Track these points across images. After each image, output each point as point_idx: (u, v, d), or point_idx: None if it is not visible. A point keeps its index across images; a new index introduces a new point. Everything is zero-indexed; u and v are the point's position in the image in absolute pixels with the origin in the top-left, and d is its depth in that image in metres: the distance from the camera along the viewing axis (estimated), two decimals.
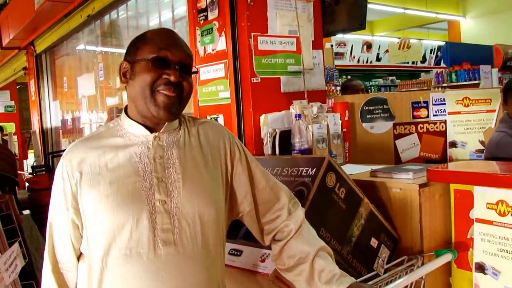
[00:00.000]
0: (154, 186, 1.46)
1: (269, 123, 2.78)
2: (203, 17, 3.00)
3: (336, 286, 1.53)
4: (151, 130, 1.54)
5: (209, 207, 1.50)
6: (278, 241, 1.66)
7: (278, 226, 1.67)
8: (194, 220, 1.46)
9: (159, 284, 1.39)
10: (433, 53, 16.42)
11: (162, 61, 1.48)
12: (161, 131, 1.54)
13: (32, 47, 7.45)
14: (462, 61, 9.54)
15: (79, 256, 1.55)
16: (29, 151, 10.63)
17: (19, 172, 7.78)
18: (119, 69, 1.57)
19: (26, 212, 5.34)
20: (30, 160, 9.90)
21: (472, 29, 15.00)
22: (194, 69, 1.57)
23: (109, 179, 1.45)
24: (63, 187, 1.50)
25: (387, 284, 1.94)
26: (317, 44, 3.17)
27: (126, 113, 1.58)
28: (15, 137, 10.38)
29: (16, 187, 5.42)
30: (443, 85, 9.68)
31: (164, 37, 1.55)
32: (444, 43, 12.83)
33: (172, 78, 1.46)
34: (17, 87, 12.05)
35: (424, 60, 16.01)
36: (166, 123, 1.54)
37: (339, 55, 14.49)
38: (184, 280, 1.41)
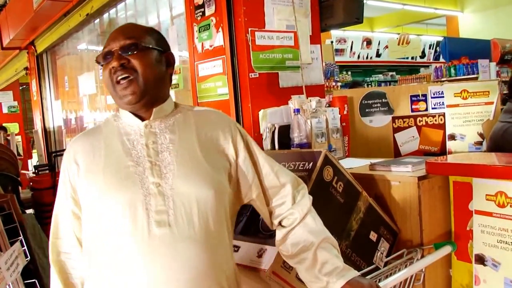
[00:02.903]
0: (148, 170, 1.47)
1: (268, 118, 2.78)
2: (200, 13, 3.00)
3: (336, 279, 1.53)
4: (145, 118, 1.56)
5: (206, 188, 1.48)
6: (283, 228, 1.66)
7: (284, 213, 1.65)
8: (190, 201, 1.45)
9: (154, 264, 1.38)
10: (432, 48, 16.44)
11: (106, 56, 1.52)
12: (151, 118, 1.55)
13: (33, 47, 7.47)
14: (460, 55, 9.56)
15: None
16: (33, 151, 10.66)
17: (24, 171, 7.80)
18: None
19: (30, 211, 5.35)
20: (35, 160, 9.93)
21: (470, 24, 15.01)
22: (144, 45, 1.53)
23: (103, 165, 1.49)
24: (64, 178, 1.56)
25: (387, 277, 1.94)
26: (315, 39, 3.17)
27: None
28: (18, 137, 10.40)
29: (20, 187, 5.44)
30: (442, 79, 9.70)
31: (109, 36, 1.57)
32: (442, 38, 12.81)
33: (114, 64, 1.48)
34: (20, 87, 12.06)
35: (423, 55, 16.04)
36: (154, 110, 1.55)
37: (340, 51, 14.51)
38: (179, 262, 1.39)
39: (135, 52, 1.50)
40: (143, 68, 1.50)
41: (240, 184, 1.64)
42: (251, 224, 1.90)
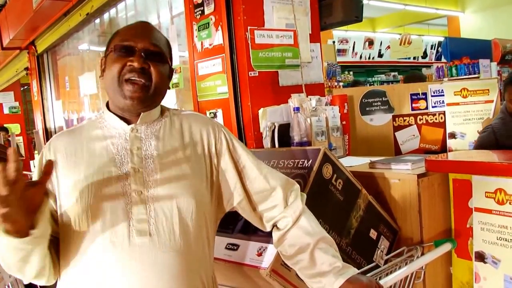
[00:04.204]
0: (131, 177, 1.45)
1: (268, 116, 2.77)
2: (200, 12, 2.99)
3: (335, 278, 1.52)
4: (131, 122, 1.55)
5: (188, 197, 1.47)
6: (278, 230, 1.65)
7: (277, 216, 1.64)
8: (172, 210, 1.44)
9: (131, 273, 1.37)
10: (434, 49, 16.46)
11: (126, 49, 1.49)
12: (137, 123, 1.54)
13: (33, 47, 7.43)
14: (461, 55, 9.54)
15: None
16: (35, 151, 10.62)
17: (26, 172, 7.75)
18: (100, 66, 1.59)
19: None
20: (36, 161, 9.87)
21: (471, 24, 15.02)
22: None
23: (84, 168, 1.45)
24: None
25: (387, 275, 1.93)
26: (314, 37, 3.16)
27: (107, 105, 1.60)
28: (19, 138, 10.35)
29: None
30: (444, 79, 9.69)
31: (132, 28, 1.56)
32: (444, 38, 12.81)
33: (135, 64, 1.46)
34: (22, 88, 12.02)
35: (425, 55, 16.07)
36: (142, 115, 1.53)
37: (342, 51, 14.52)
38: (158, 271, 1.39)
39: (156, 63, 1.50)
40: (158, 79, 1.50)
41: (222, 191, 1.64)
42: (251, 223, 1.89)
